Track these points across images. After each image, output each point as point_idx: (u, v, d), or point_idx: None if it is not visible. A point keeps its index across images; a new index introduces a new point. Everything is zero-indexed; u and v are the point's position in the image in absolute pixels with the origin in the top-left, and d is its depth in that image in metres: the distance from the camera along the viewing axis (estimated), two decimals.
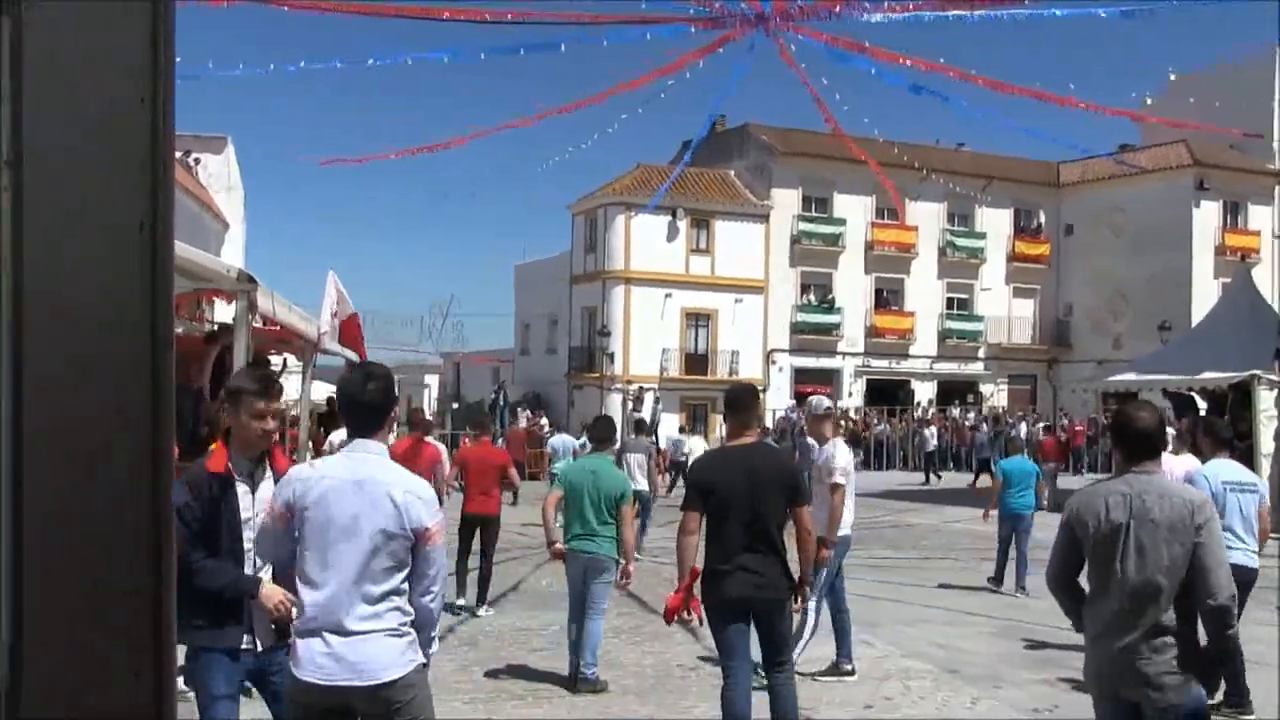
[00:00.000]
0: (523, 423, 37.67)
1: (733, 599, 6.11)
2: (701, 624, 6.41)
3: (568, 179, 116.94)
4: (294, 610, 3.96)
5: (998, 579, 13.70)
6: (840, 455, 8.79)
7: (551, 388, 47.87)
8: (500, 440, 28.73)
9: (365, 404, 4.04)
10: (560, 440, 23.09)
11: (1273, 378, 22.58)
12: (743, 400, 6.58)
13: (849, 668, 8.91)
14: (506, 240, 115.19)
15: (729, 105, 50.33)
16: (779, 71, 45.47)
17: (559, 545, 8.70)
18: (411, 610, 3.94)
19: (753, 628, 6.24)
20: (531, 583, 13.95)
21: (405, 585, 3.92)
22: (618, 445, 14.40)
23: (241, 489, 4.31)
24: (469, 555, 11.79)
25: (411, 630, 3.94)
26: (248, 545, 4.27)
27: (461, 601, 11.66)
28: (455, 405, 46.62)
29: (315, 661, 3.82)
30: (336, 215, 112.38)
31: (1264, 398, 22.37)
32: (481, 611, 11.54)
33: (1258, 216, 49.53)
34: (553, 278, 49.21)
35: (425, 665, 4.00)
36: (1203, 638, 4.47)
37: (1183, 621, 4.39)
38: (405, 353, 48.24)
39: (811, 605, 8.37)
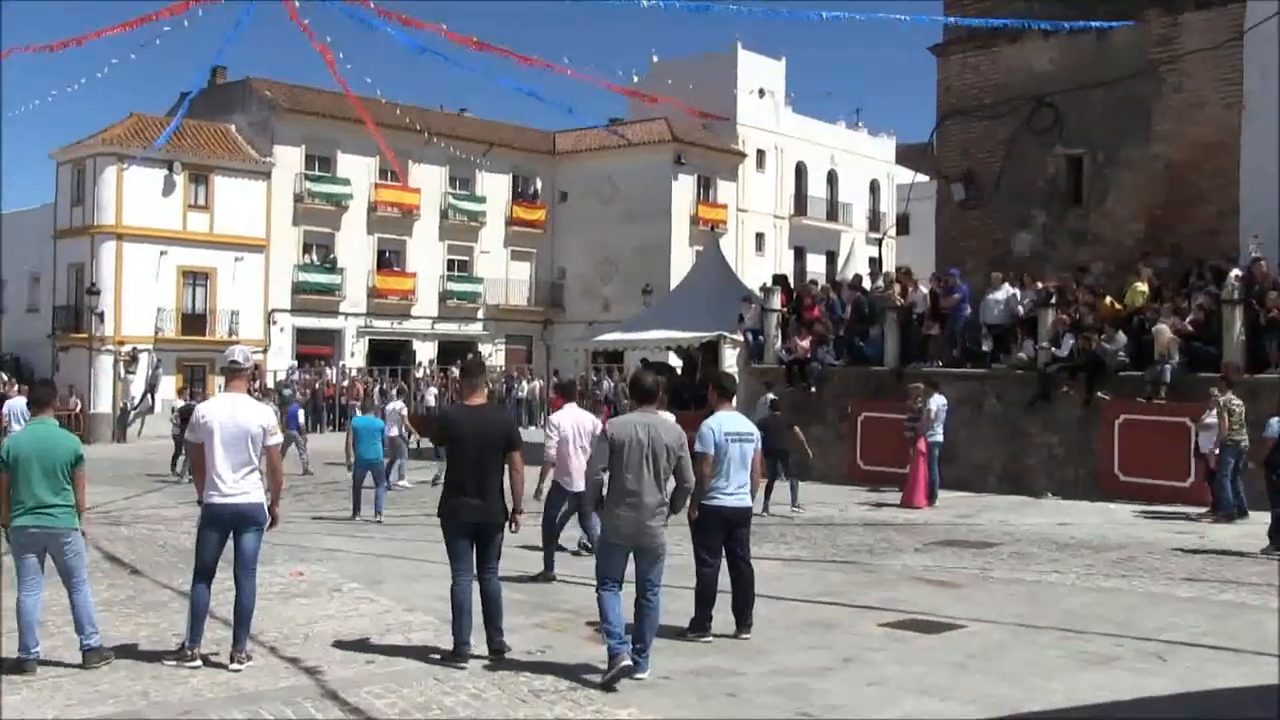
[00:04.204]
0: None
1: (465, 522, 8.30)
2: None
3: (54, 126, 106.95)
4: None
5: (356, 509, 17.44)
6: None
7: (34, 350, 44.34)
8: None
9: None
10: (11, 405, 22.10)
11: (736, 337, 25.52)
12: (474, 370, 8.88)
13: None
14: None
15: (234, 58, 48.57)
16: (287, 26, 44.53)
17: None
18: None
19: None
20: None
21: None
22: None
23: None
24: None
25: None
26: None
27: None
28: None
29: None
30: None
31: (729, 354, 25.31)
32: None
33: (725, 191, 54.59)
34: (34, 231, 45.41)
35: None
36: None
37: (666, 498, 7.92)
38: None
39: None
